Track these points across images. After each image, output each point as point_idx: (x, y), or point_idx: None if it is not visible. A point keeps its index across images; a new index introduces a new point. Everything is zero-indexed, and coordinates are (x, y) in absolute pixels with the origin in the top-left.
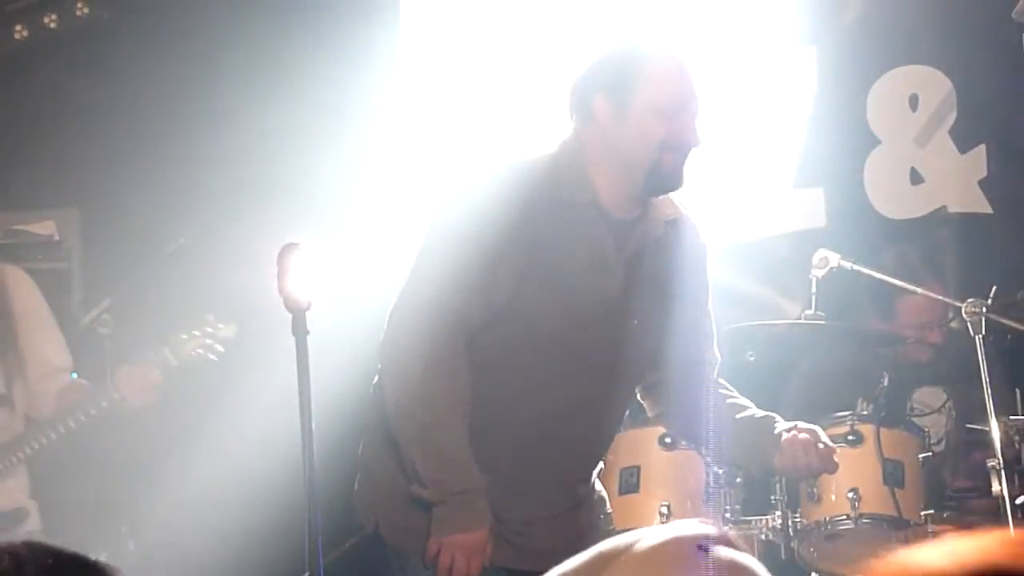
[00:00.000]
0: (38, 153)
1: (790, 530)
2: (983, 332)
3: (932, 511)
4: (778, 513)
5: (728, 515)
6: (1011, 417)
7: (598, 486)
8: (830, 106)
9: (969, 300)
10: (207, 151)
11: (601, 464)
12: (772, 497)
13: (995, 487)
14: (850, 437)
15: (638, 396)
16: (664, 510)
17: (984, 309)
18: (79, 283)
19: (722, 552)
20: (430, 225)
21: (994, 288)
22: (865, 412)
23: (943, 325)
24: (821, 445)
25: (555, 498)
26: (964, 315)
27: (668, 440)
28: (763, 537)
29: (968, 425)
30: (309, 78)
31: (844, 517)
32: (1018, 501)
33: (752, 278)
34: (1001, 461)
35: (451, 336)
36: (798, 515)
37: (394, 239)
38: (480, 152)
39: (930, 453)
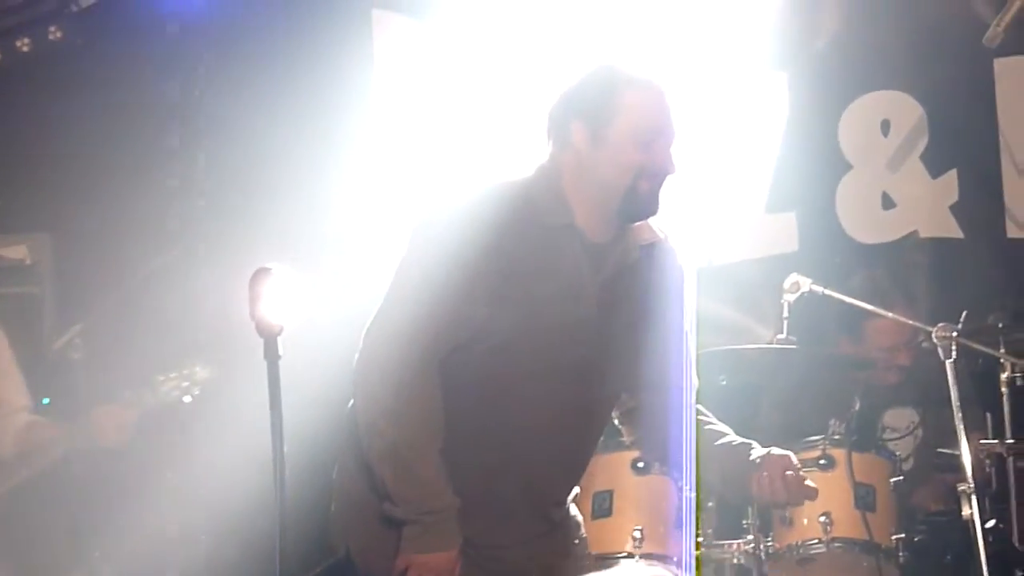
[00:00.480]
0: (9, 177)
1: (762, 554)
2: (953, 357)
3: (903, 535)
4: (750, 537)
5: (701, 539)
6: (982, 441)
7: (573, 510)
8: (802, 131)
9: (940, 324)
10: (180, 176)
11: (577, 488)
12: (744, 521)
13: (965, 511)
14: (822, 461)
15: (616, 422)
16: (637, 534)
17: (955, 334)
18: (51, 308)
19: None
20: (407, 245)
21: (965, 313)
22: (837, 436)
23: (911, 347)
24: (790, 473)
25: (529, 522)
26: (935, 339)
27: (641, 465)
28: (735, 561)
29: (939, 449)
30: (284, 104)
31: (816, 541)
32: (988, 525)
33: (724, 302)
34: (972, 485)
35: (424, 357)
36: (770, 539)
37: (369, 260)
38: (455, 177)
39: (901, 477)
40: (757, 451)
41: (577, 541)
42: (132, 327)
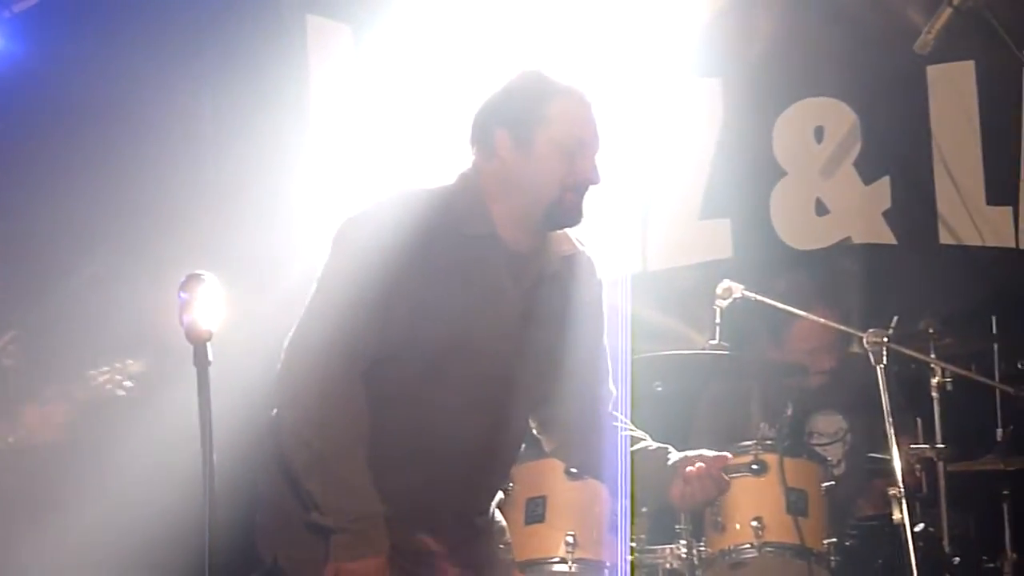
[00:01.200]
0: None
1: (695, 559)
2: (884, 362)
3: (835, 539)
4: (683, 542)
5: (634, 545)
6: (912, 446)
7: (497, 515)
8: (736, 138)
9: (871, 330)
10: (113, 182)
11: (501, 494)
12: (677, 526)
13: (896, 515)
14: (754, 466)
15: (534, 431)
16: (570, 539)
17: (886, 339)
18: None
19: None
20: (329, 254)
21: (896, 318)
22: (769, 441)
23: (834, 350)
24: (701, 464)
25: (453, 529)
26: (866, 345)
27: (574, 470)
28: (668, 566)
29: (870, 454)
30: (216, 110)
31: (748, 546)
32: (918, 529)
33: (659, 308)
34: (902, 490)
35: (347, 365)
36: (703, 544)
37: (295, 266)
38: (387, 184)
39: (833, 482)
40: (674, 455)
41: (502, 546)
42: (66, 333)
